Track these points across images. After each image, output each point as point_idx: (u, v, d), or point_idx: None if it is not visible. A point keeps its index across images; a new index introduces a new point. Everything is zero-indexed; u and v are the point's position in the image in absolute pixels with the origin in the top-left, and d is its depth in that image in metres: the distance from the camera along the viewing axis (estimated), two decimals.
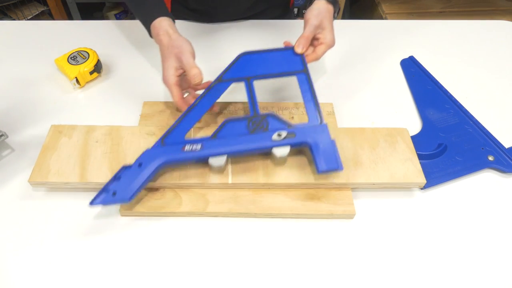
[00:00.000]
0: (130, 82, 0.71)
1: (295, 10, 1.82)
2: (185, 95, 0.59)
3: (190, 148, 0.51)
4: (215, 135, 0.53)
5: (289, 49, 0.59)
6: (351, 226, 0.52)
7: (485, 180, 0.57)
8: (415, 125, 0.64)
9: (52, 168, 0.52)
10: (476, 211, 0.54)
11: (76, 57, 0.69)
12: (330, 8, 0.60)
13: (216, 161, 0.51)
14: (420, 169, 0.54)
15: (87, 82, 0.70)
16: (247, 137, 0.52)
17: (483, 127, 0.63)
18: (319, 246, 0.50)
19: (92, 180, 0.51)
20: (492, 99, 0.70)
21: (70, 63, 0.68)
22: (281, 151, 0.51)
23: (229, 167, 0.54)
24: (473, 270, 0.48)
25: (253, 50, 0.58)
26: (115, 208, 0.52)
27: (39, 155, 0.54)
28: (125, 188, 0.49)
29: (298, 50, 0.57)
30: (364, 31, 0.85)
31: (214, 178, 0.52)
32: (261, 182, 0.52)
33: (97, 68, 0.69)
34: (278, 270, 0.47)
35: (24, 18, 1.66)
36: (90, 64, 0.68)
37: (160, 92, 0.68)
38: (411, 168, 0.54)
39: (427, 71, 0.74)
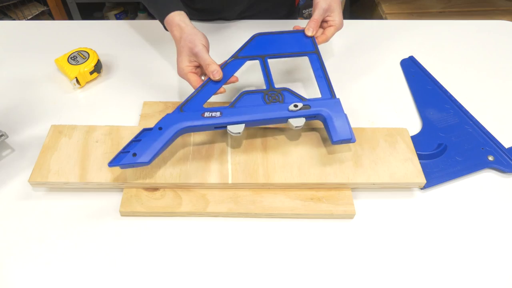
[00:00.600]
0: (130, 82, 0.71)
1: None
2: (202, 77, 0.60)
3: (210, 115, 0.53)
4: (232, 105, 0.54)
5: (300, 32, 0.62)
6: (351, 226, 0.52)
7: (485, 180, 0.57)
8: (415, 125, 0.64)
9: (52, 168, 0.52)
10: (476, 211, 0.54)
11: (76, 57, 0.69)
12: None
13: (235, 128, 0.52)
14: (420, 169, 0.54)
15: (87, 82, 0.70)
16: (265, 107, 0.54)
17: (483, 127, 0.63)
18: (319, 246, 0.50)
19: (92, 180, 0.51)
20: (492, 99, 0.70)
21: (70, 63, 0.68)
22: (297, 122, 0.53)
23: (229, 167, 0.54)
24: (473, 270, 0.48)
25: (267, 32, 0.62)
26: (115, 208, 0.52)
27: (39, 155, 0.54)
28: (145, 150, 0.50)
29: (309, 33, 0.61)
30: (364, 31, 0.85)
31: (214, 178, 0.52)
32: (261, 182, 0.52)
33: (97, 68, 0.69)
34: (278, 270, 0.47)
35: (24, 18, 1.66)
36: (90, 64, 0.68)
37: (160, 92, 0.68)
38: (411, 168, 0.54)
39: (427, 71, 0.74)
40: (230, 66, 0.58)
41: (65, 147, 0.55)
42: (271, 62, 0.59)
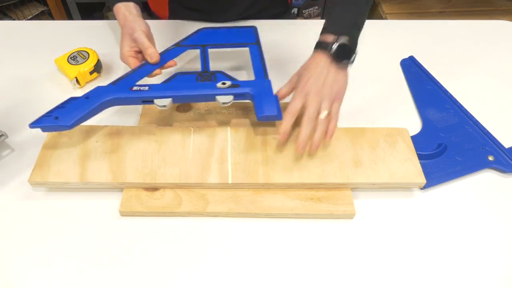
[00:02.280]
0: None
1: (295, 10, 1.82)
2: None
3: (138, 88, 0.54)
4: (165, 82, 0.57)
5: (245, 28, 0.65)
6: (351, 226, 0.52)
7: (485, 180, 0.57)
8: (415, 125, 0.64)
9: (52, 168, 0.52)
10: (476, 211, 0.54)
11: (76, 57, 0.69)
12: (322, 59, 0.53)
13: (161, 102, 0.54)
14: (420, 169, 0.54)
15: (87, 82, 0.70)
16: (194, 84, 0.56)
17: (483, 127, 0.63)
18: (319, 246, 0.50)
19: (92, 180, 0.51)
20: (492, 99, 0.70)
21: (70, 63, 0.68)
22: (224, 99, 0.54)
23: (229, 167, 0.54)
24: (473, 270, 0.48)
25: (213, 26, 0.67)
26: (115, 208, 0.52)
27: (39, 155, 0.54)
28: (67, 115, 0.51)
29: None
30: (364, 31, 0.84)
31: (214, 178, 0.52)
32: (261, 182, 0.52)
33: (97, 68, 0.69)
34: (278, 270, 0.47)
35: (24, 18, 1.66)
36: (90, 64, 0.68)
37: None
38: (411, 168, 0.54)
39: (427, 71, 0.74)
40: (171, 53, 0.61)
41: (65, 147, 0.55)
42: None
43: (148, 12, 0.93)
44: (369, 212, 0.53)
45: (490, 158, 0.58)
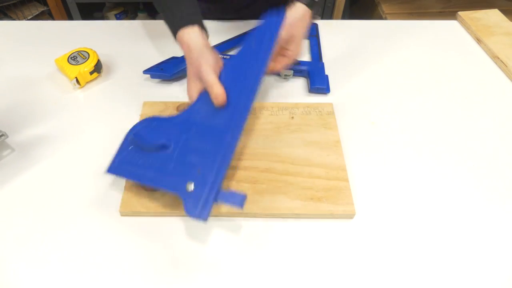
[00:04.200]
0: (130, 82, 0.71)
1: None
2: None
3: (222, 57, 0.65)
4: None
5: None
6: (351, 226, 0.52)
7: None
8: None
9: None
10: (478, 212, 0.54)
11: (76, 57, 0.69)
12: (306, 15, 0.60)
13: None
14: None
15: (87, 82, 0.70)
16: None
17: None
18: (319, 246, 0.49)
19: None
20: (492, 99, 0.70)
21: (70, 63, 0.68)
22: (286, 72, 0.70)
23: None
24: (475, 268, 0.48)
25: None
26: (115, 208, 0.52)
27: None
28: (170, 68, 0.69)
29: None
30: (364, 31, 0.85)
31: None
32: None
33: (97, 68, 0.69)
34: (278, 270, 0.47)
35: (24, 18, 1.66)
36: (90, 64, 0.68)
37: (160, 92, 0.68)
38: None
39: None
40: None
41: None
42: None
43: (148, 12, 0.92)
44: (369, 211, 0.53)
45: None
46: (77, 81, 0.68)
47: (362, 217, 0.52)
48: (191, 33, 0.56)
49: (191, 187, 0.45)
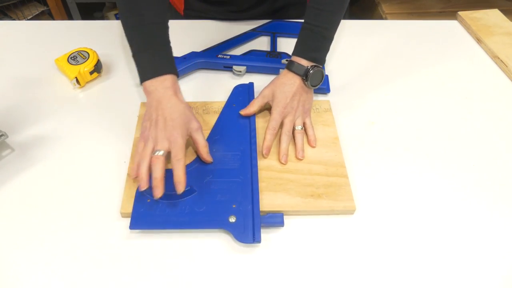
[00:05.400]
0: (130, 82, 0.71)
1: None
2: None
3: (222, 56, 0.72)
4: (242, 55, 0.72)
5: None
6: (352, 221, 0.52)
7: None
8: None
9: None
10: (476, 207, 0.53)
11: (76, 57, 0.69)
12: (296, 81, 0.59)
13: (238, 68, 0.70)
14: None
15: (87, 82, 0.70)
16: (264, 58, 0.72)
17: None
18: (320, 242, 0.49)
19: None
20: (492, 99, 0.70)
21: (70, 63, 0.68)
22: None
23: None
24: (475, 265, 0.48)
25: (282, 19, 0.84)
26: (115, 209, 0.52)
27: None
28: None
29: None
30: (364, 31, 0.85)
31: None
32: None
33: (97, 68, 0.69)
34: (279, 267, 0.47)
35: (24, 18, 1.66)
36: (90, 64, 0.68)
37: None
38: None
39: None
40: (248, 35, 0.78)
41: None
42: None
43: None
44: (370, 207, 0.53)
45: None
46: (77, 81, 0.68)
47: (363, 213, 0.52)
48: (164, 82, 0.54)
49: (233, 219, 0.49)
